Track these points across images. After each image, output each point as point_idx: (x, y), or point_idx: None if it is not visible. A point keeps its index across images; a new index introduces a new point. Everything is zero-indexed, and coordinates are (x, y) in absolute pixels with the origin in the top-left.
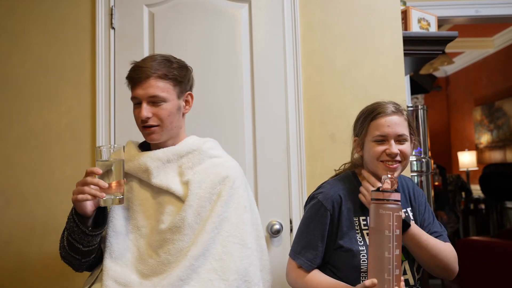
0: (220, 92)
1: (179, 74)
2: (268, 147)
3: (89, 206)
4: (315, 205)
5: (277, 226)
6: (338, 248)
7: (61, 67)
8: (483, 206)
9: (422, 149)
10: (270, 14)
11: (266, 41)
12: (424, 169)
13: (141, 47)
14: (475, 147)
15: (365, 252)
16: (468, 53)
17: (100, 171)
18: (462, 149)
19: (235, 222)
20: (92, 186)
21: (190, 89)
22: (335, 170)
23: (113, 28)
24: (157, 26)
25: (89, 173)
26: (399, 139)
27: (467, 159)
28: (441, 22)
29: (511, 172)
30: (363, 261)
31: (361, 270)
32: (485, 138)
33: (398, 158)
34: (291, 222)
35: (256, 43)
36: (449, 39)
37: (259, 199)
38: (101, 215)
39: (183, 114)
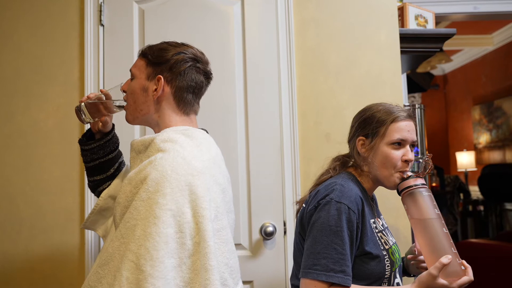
0: (212, 91)
1: (152, 53)
2: (261, 147)
3: (96, 124)
4: (339, 210)
5: (270, 228)
6: (363, 255)
7: (49, 65)
8: (481, 207)
9: (419, 149)
10: (263, 10)
11: (259, 39)
12: (421, 170)
13: (130, 44)
14: (473, 147)
15: (387, 256)
16: (466, 51)
17: (105, 91)
18: (461, 149)
19: (139, 236)
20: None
21: (173, 76)
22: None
23: (102, 25)
24: (147, 23)
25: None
26: (411, 146)
27: (465, 160)
28: (439, 19)
29: (510, 173)
30: (387, 266)
31: (385, 276)
32: (484, 138)
33: (410, 165)
34: (284, 224)
35: (249, 41)
36: (447, 37)
37: (252, 201)
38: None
39: (156, 100)
